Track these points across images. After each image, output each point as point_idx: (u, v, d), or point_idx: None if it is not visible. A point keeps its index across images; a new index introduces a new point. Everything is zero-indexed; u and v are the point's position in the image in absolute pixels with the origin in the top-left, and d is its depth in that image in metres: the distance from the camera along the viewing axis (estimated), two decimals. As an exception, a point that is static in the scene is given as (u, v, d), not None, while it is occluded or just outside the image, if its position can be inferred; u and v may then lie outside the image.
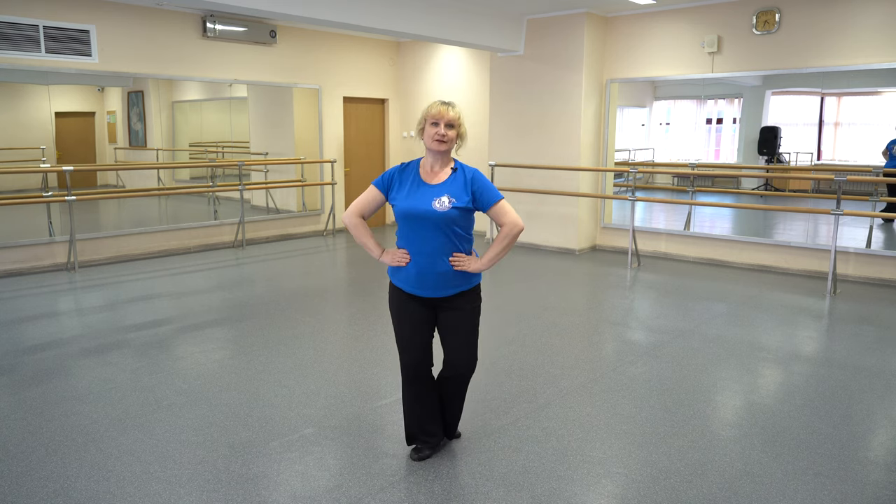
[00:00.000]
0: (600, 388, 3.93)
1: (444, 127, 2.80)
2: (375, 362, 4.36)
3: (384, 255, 2.93)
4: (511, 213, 2.86)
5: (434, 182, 2.85)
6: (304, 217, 9.56)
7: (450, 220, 2.79)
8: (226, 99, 9.15)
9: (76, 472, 2.95)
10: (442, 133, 2.79)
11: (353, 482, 2.88)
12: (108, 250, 7.57)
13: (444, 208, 2.77)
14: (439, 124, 2.80)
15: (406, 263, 2.85)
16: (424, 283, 2.85)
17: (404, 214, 2.83)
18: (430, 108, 2.84)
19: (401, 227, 2.89)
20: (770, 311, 5.67)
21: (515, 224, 2.84)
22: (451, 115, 2.81)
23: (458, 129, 2.85)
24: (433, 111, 2.82)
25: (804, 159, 8.45)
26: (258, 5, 5.80)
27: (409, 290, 2.90)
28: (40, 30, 6.79)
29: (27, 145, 7.37)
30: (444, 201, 2.78)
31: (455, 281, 2.87)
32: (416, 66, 10.21)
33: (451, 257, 2.83)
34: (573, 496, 2.78)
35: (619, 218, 8.70)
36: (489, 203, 2.84)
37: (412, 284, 2.88)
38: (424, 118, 2.85)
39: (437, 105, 2.83)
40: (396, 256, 2.87)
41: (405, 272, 2.88)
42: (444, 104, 2.83)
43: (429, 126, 2.83)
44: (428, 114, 2.84)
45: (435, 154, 2.86)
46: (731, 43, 7.36)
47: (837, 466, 3.03)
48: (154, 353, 4.52)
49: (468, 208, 2.83)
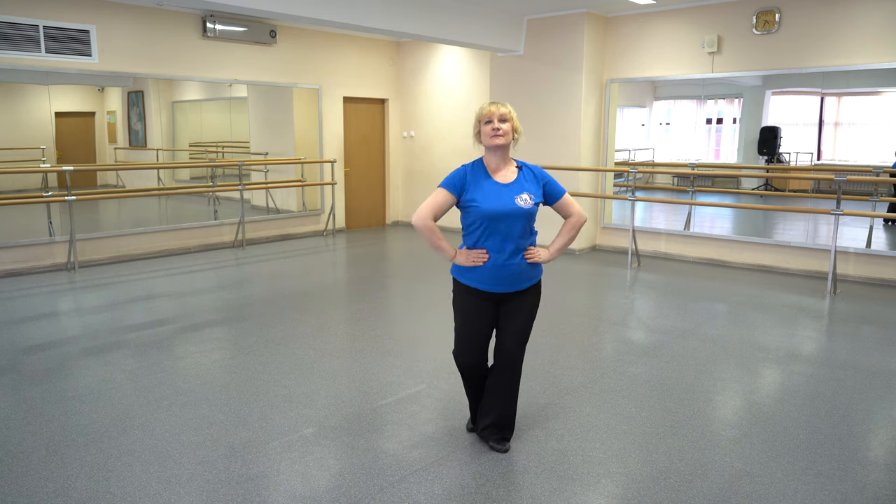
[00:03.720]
0: (600, 388, 3.93)
1: (498, 121, 2.90)
2: (375, 362, 4.36)
3: (458, 256, 2.98)
4: (576, 205, 3.08)
5: (506, 181, 2.94)
6: (304, 217, 9.56)
7: (531, 216, 2.94)
8: (226, 99, 9.15)
9: (76, 472, 2.95)
10: (496, 126, 2.89)
11: (353, 482, 2.88)
12: (108, 250, 7.57)
13: (527, 205, 2.91)
14: (493, 121, 2.91)
15: (484, 263, 2.91)
16: (501, 279, 2.94)
17: (489, 215, 2.88)
18: (481, 109, 2.97)
19: (477, 228, 2.92)
20: (770, 311, 5.67)
21: (581, 215, 3.07)
22: (502, 111, 2.93)
23: (512, 123, 2.94)
24: (484, 112, 2.95)
25: (804, 159, 8.45)
26: (258, 5, 5.80)
27: (483, 288, 2.97)
28: (40, 30, 6.79)
29: (27, 145, 7.37)
30: (525, 198, 2.92)
31: (526, 275, 2.99)
32: (416, 66, 10.21)
33: (525, 252, 2.94)
34: (573, 496, 2.78)
35: (619, 218, 8.70)
36: (557, 196, 3.03)
37: (488, 282, 2.95)
38: (478, 121, 2.97)
39: (486, 106, 2.98)
40: (471, 256, 2.93)
41: (479, 271, 2.94)
42: (493, 103, 2.98)
43: (483, 126, 2.94)
44: (480, 115, 2.96)
45: (494, 151, 2.95)
46: (731, 43, 7.36)
47: (837, 466, 3.03)
48: (154, 353, 4.52)
49: (540, 202, 2.99)
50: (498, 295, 2.99)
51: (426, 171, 10.23)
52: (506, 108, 2.93)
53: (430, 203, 2.91)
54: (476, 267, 2.93)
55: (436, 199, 2.92)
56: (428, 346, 4.66)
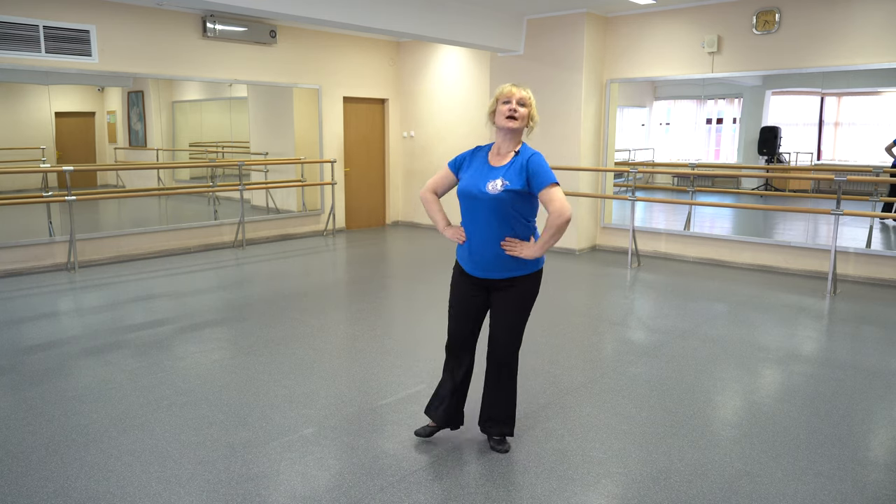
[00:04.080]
0: (600, 388, 3.93)
1: (516, 104, 2.88)
2: (375, 362, 4.36)
3: (446, 230, 3.05)
4: (558, 200, 2.79)
5: (497, 164, 2.93)
6: (304, 217, 9.56)
7: (501, 202, 2.83)
8: (226, 99, 9.15)
9: (76, 472, 2.95)
10: (513, 107, 2.87)
11: (353, 482, 2.88)
12: (108, 250, 7.57)
13: (495, 191, 2.84)
14: (511, 101, 2.88)
15: (462, 241, 2.97)
16: (477, 262, 2.95)
17: (461, 193, 2.96)
18: (502, 88, 2.95)
19: (461, 206, 2.98)
20: (770, 311, 5.67)
21: (561, 213, 2.77)
22: (523, 95, 2.91)
23: (530, 110, 2.92)
24: (504, 91, 2.93)
25: (804, 159, 8.45)
26: (258, 5, 5.80)
27: (466, 269, 3.02)
28: (40, 30, 6.79)
29: (27, 145, 7.37)
30: (496, 184, 2.84)
31: (510, 265, 2.92)
32: (416, 66, 10.21)
33: (503, 241, 2.89)
34: (573, 496, 2.78)
35: (619, 218, 8.70)
36: (539, 186, 2.82)
37: (468, 263, 3.00)
38: (496, 99, 2.94)
39: (508, 86, 2.94)
40: (456, 233, 3.00)
41: (463, 250, 3.01)
42: (514, 85, 2.94)
43: (500, 105, 2.91)
44: (500, 94, 2.94)
45: (505, 133, 2.92)
46: (731, 43, 7.36)
47: (837, 466, 3.03)
48: (154, 353, 4.52)
49: (523, 192, 2.83)
50: (486, 281, 2.98)
51: (426, 171, 10.22)
52: (527, 93, 2.91)
53: (434, 178, 3.12)
54: (462, 246, 3.01)
55: (439, 175, 3.11)
56: (428, 345, 4.65)
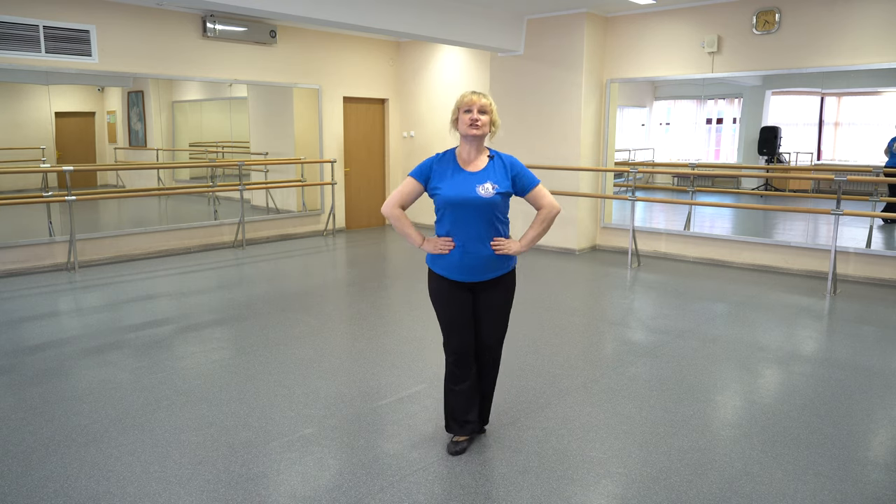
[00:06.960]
0: (600, 388, 3.93)
1: (477, 112, 2.90)
2: (375, 362, 4.36)
3: (426, 244, 3.01)
4: (548, 196, 3.00)
5: (473, 169, 2.94)
6: (304, 217, 9.56)
7: (493, 205, 2.89)
8: (226, 99, 9.15)
9: (76, 472, 2.95)
10: (475, 117, 2.90)
11: (353, 482, 2.88)
12: (108, 250, 7.57)
13: (488, 194, 2.87)
14: (472, 111, 2.91)
15: (449, 251, 2.93)
16: (469, 268, 2.95)
17: (450, 202, 2.91)
18: (462, 97, 2.96)
19: (444, 216, 2.96)
20: (770, 311, 5.67)
21: (553, 207, 2.99)
22: (483, 102, 2.93)
23: (491, 116, 2.95)
24: (465, 100, 2.94)
25: (804, 159, 8.45)
26: (258, 5, 5.80)
27: (452, 277, 2.99)
28: (40, 30, 6.79)
29: (27, 145, 7.37)
30: (487, 188, 2.89)
31: (496, 265, 2.98)
32: (416, 66, 10.21)
33: (492, 242, 2.92)
34: (573, 496, 2.78)
35: (619, 218, 8.70)
36: (528, 188, 2.97)
37: (456, 271, 2.96)
38: (457, 108, 2.96)
39: (468, 94, 2.95)
40: (439, 244, 2.95)
41: (448, 259, 2.96)
42: (474, 93, 2.95)
43: (462, 114, 2.94)
44: (461, 103, 2.95)
45: (470, 141, 2.95)
46: (731, 43, 7.36)
47: (837, 466, 3.03)
48: (154, 353, 4.52)
49: (509, 193, 2.95)
50: (473, 284, 3.00)
51: (426, 171, 10.21)
52: (487, 100, 2.94)
53: (397, 192, 3.00)
54: (445, 256, 2.96)
55: (403, 188, 3.00)
56: (428, 346, 4.65)
